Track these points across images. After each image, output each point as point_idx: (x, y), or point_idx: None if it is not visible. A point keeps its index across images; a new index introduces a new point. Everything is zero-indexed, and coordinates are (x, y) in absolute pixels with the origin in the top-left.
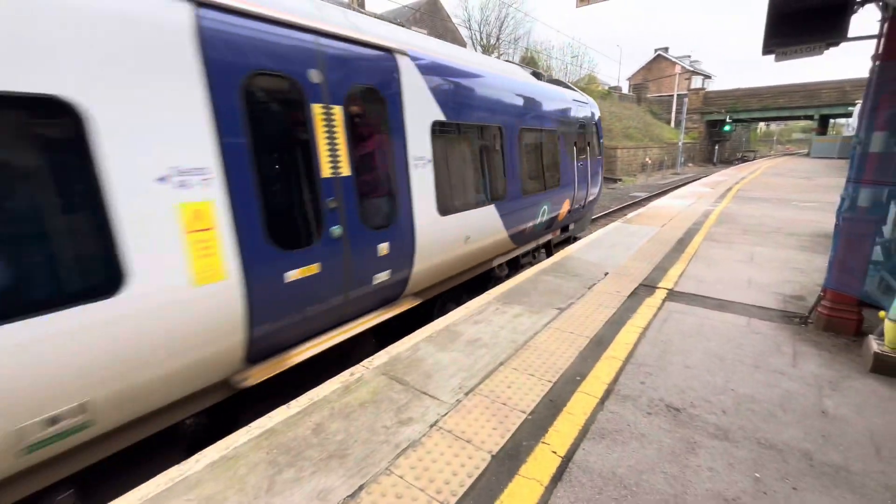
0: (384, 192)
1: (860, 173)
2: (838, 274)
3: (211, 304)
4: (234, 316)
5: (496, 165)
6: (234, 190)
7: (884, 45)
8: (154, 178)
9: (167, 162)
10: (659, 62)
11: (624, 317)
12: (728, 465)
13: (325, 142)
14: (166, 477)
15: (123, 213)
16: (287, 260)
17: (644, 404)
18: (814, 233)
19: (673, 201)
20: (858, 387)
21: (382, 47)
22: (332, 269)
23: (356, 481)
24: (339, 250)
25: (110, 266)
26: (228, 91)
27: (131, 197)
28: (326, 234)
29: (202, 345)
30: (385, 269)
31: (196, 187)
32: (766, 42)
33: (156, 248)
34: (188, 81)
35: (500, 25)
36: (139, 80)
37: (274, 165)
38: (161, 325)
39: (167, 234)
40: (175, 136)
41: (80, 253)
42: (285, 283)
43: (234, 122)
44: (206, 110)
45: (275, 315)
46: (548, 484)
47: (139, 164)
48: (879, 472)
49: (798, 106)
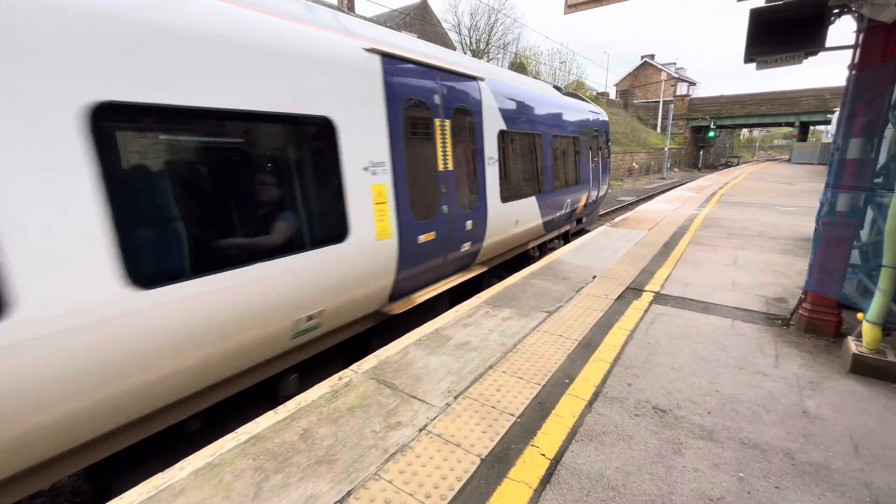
0: (470, 183)
1: (838, 179)
2: (818, 277)
3: (382, 253)
4: (391, 264)
5: (537, 165)
6: (396, 177)
7: (859, 56)
8: (362, 167)
9: (367, 157)
10: (645, 69)
11: (612, 319)
12: (713, 466)
13: (440, 145)
14: (150, 485)
15: (349, 189)
16: (420, 228)
17: (631, 406)
18: (795, 236)
19: (659, 205)
20: (838, 387)
21: (472, 76)
22: (441, 236)
23: (344, 487)
24: (446, 223)
25: (343, 222)
26: (396, 112)
27: (352, 179)
28: (440, 210)
29: (375, 280)
30: (468, 241)
31: (379, 174)
32: (747, 51)
33: (362, 213)
34: (378, 106)
35: (489, 30)
36: (358, 104)
37: (416, 161)
38: (362, 263)
39: (367, 204)
40: (371, 141)
41: (331, 212)
42: (417, 244)
43: (398, 132)
44: (385, 124)
45: (410, 266)
46: (536, 487)
47: (357, 158)
48: (858, 470)
49: (780, 113)
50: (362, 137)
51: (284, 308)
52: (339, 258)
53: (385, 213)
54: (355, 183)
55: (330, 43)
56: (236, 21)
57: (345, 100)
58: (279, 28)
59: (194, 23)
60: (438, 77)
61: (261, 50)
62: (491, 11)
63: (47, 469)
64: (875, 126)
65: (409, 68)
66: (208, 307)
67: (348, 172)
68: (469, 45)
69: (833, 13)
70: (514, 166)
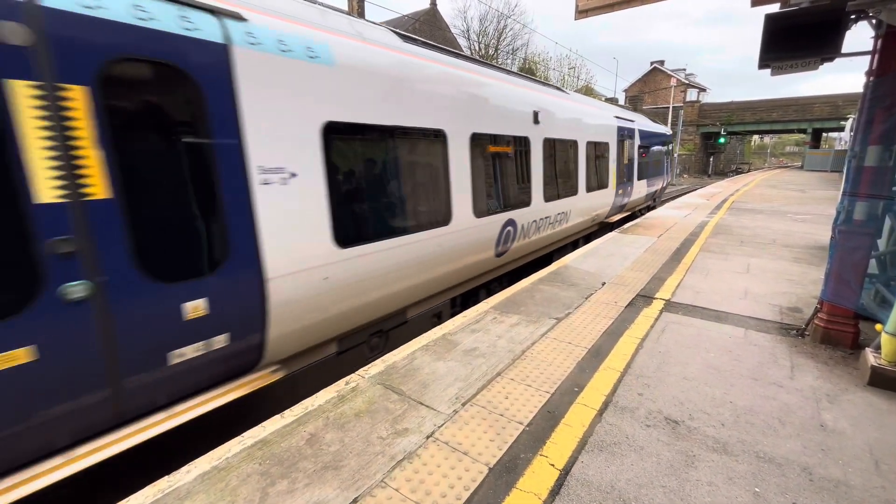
0: (630, 169)
1: (856, 186)
2: (835, 286)
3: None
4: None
5: (643, 164)
6: (617, 164)
7: (877, 62)
8: (612, 160)
9: (613, 156)
10: (655, 75)
11: (621, 327)
12: (728, 480)
13: (625, 152)
14: (155, 488)
15: (610, 168)
16: (619, 187)
17: (642, 416)
18: (808, 245)
19: (669, 212)
20: (856, 400)
21: (632, 120)
22: (623, 192)
23: (350, 494)
24: (624, 186)
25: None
26: (617, 140)
27: (612, 164)
28: (623, 179)
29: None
30: (626, 196)
31: (614, 163)
32: (762, 56)
33: (612, 178)
34: (615, 138)
35: (498, 36)
36: (611, 137)
37: (619, 157)
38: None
39: (612, 175)
40: (614, 151)
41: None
42: (617, 194)
43: (618, 145)
44: (616, 144)
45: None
46: (546, 498)
47: (613, 157)
48: (879, 486)
49: (791, 119)
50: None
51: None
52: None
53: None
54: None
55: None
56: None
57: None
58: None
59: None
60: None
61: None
62: (500, 17)
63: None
64: (893, 133)
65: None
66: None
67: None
68: (478, 52)
69: (850, 18)
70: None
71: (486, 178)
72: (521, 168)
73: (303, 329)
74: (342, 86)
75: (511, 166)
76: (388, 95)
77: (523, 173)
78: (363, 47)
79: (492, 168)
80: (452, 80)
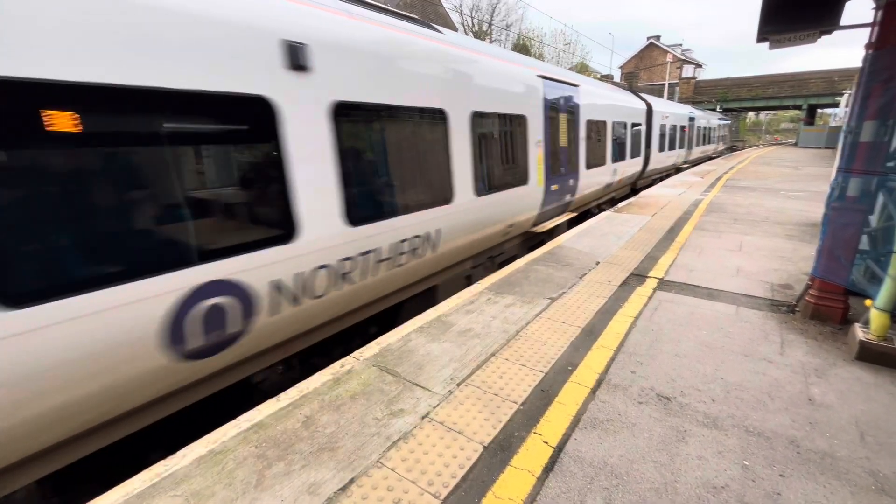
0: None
1: (850, 162)
2: (826, 263)
3: (538, 195)
4: (539, 201)
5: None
6: (546, 149)
7: (877, 34)
8: (535, 142)
9: (536, 137)
10: (651, 50)
11: (615, 306)
12: (717, 454)
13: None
14: (151, 472)
15: (531, 156)
16: (551, 181)
17: (635, 393)
18: (801, 222)
19: (663, 190)
20: (844, 374)
21: (575, 84)
22: (561, 187)
23: (347, 474)
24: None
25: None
26: (546, 112)
27: (533, 149)
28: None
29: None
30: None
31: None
32: (760, 29)
33: (536, 171)
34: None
35: (491, 11)
36: (532, 107)
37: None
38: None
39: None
40: (539, 129)
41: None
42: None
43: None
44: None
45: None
46: (539, 474)
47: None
48: (864, 458)
49: (787, 95)
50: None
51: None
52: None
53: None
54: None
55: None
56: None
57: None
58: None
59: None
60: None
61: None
62: None
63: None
64: (890, 108)
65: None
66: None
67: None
68: (471, 27)
69: None
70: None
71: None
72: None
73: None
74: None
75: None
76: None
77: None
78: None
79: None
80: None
